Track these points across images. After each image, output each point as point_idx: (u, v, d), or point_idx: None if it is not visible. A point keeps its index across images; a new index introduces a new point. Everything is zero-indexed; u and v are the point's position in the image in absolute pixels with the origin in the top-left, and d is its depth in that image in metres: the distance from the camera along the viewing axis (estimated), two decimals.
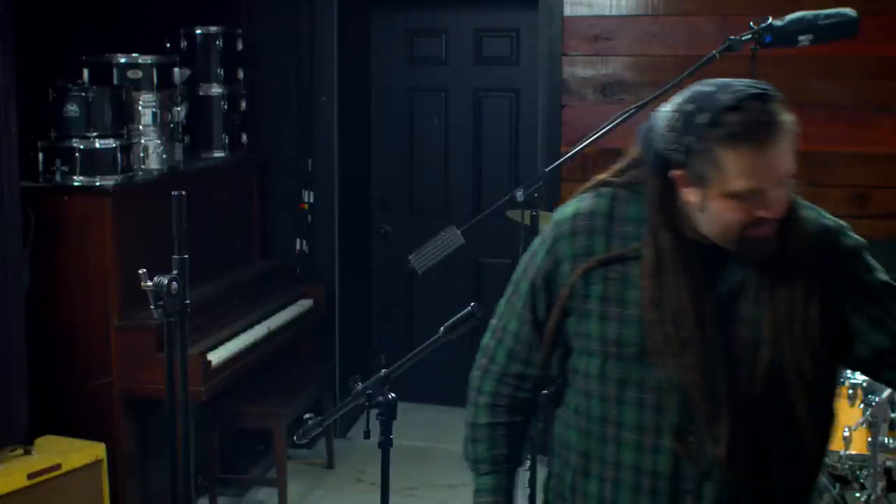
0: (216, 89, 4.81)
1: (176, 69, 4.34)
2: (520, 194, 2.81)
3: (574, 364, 1.91)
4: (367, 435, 2.06)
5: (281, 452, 4.41)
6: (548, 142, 4.95)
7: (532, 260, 1.96)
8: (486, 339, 2.04)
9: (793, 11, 2.89)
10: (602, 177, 1.93)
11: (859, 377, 3.67)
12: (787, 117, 1.74)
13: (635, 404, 1.82)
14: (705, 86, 1.76)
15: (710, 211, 1.74)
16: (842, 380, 3.70)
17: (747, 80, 1.77)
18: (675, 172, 1.75)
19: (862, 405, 3.56)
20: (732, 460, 1.76)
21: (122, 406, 3.87)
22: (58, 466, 3.46)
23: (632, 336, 1.81)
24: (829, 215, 1.90)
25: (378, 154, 5.82)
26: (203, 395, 3.86)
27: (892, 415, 3.50)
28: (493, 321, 2.04)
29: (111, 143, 3.91)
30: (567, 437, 1.95)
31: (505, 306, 2.01)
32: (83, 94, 3.87)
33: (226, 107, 4.84)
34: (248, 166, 5.11)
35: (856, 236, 1.89)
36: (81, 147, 3.86)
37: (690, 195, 1.75)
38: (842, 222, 1.90)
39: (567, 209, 1.93)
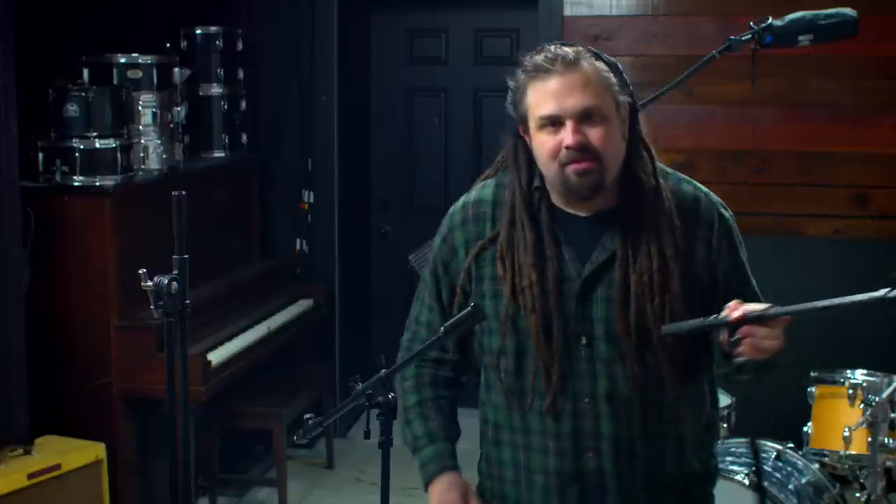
0: (216, 89, 4.81)
1: (176, 69, 4.34)
2: None
3: (480, 343, 2.05)
4: (367, 435, 2.06)
5: (281, 452, 4.41)
6: None
7: (432, 252, 2.12)
8: (403, 337, 2.22)
9: (793, 11, 2.89)
10: (487, 172, 2.09)
11: (859, 377, 3.67)
12: (587, 61, 1.89)
13: (532, 372, 1.95)
14: None
15: (536, 150, 1.92)
16: (841, 380, 3.70)
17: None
18: (520, 127, 1.96)
19: (862, 405, 3.55)
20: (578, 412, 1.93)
21: (122, 406, 3.87)
22: (58, 466, 3.46)
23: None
24: (704, 189, 2.02)
25: (378, 154, 5.81)
26: (203, 395, 3.86)
27: (892, 415, 3.49)
28: (408, 320, 2.22)
29: (111, 143, 3.90)
30: (485, 413, 2.09)
31: (415, 301, 2.20)
32: (83, 94, 3.87)
33: (226, 107, 4.84)
34: (248, 166, 5.11)
35: (727, 212, 2.00)
36: (81, 147, 3.86)
37: (528, 140, 1.94)
38: (715, 197, 2.02)
39: (458, 202, 2.10)
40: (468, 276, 2.03)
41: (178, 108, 4.33)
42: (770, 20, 2.87)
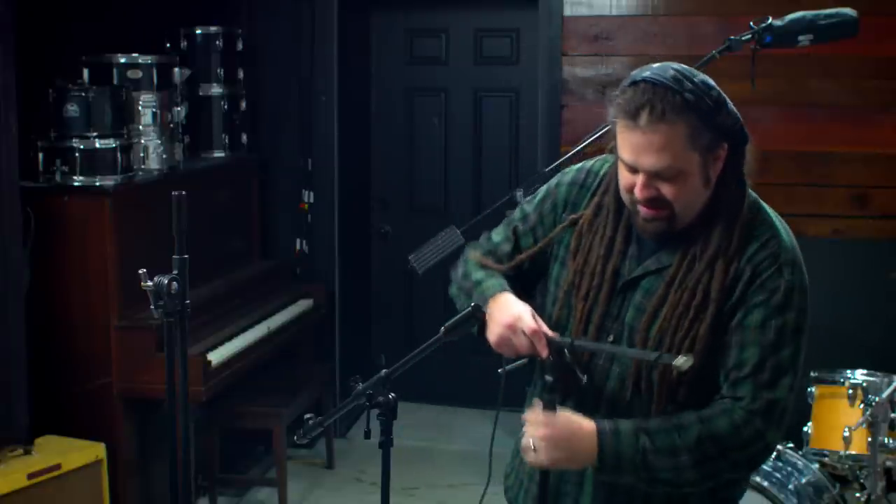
0: (216, 89, 4.81)
1: (176, 69, 4.34)
2: (520, 194, 2.82)
3: (542, 304, 2.07)
4: (367, 435, 2.06)
5: (281, 452, 4.41)
6: (548, 142, 4.95)
7: (534, 197, 2.15)
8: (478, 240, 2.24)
9: (793, 11, 2.89)
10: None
11: (859, 377, 3.68)
12: (675, 114, 1.80)
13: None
14: (643, 66, 1.90)
15: (619, 173, 1.92)
16: (841, 380, 3.70)
17: (676, 63, 1.89)
18: None
19: (862, 405, 3.56)
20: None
21: (122, 406, 3.87)
22: (58, 466, 3.46)
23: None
24: (789, 243, 1.91)
25: (378, 154, 5.81)
26: (203, 395, 3.86)
27: (892, 415, 3.49)
28: (493, 231, 2.21)
29: (111, 143, 3.90)
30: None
31: (497, 227, 2.21)
32: (83, 94, 3.87)
33: (226, 107, 4.84)
34: (248, 166, 5.11)
35: (790, 277, 1.88)
36: (81, 147, 3.86)
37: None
38: (793, 257, 1.90)
39: (578, 164, 2.12)
40: (556, 237, 2.07)
41: (178, 108, 4.33)
42: (770, 20, 2.87)
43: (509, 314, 1.94)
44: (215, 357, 4.01)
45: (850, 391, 3.62)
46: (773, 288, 1.86)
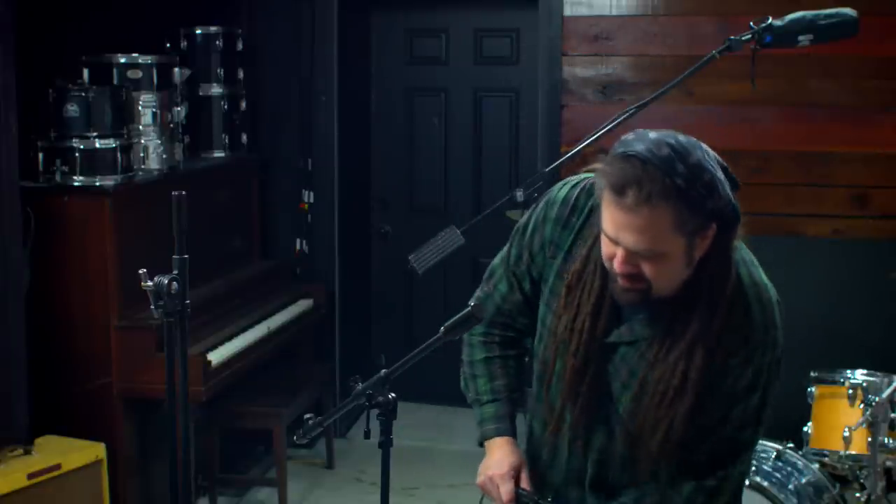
0: (216, 89, 4.82)
1: (176, 69, 4.34)
2: (520, 194, 2.82)
3: (534, 344, 2.11)
4: (367, 435, 2.06)
5: (281, 452, 4.41)
6: (548, 142, 4.95)
7: (526, 229, 2.09)
8: (479, 290, 2.20)
9: (793, 11, 2.88)
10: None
11: (859, 377, 3.67)
12: (662, 199, 1.71)
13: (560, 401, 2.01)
14: (640, 132, 1.80)
15: (601, 239, 1.85)
16: (841, 380, 3.70)
17: (673, 137, 1.78)
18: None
19: (862, 405, 3.55)
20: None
21: (122, 406, 3.87)
22: (58, 466, 3.46)
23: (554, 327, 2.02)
24: (775, 317, 1.88)
25: (378, 154, 5.82)
26: (203, 395, 3.86)
27: (892, 415, 3.49)
28: (491, 267, 2.18)
29: (111, 143, 3.90)
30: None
31: (499, 261, 2.17)
32: (83, 94, 3.87)
33: (226, 107, 4.84)
34: (248, 166, 5.11)
35: (759, 360, 1.85)
36: (81, 147, 3.86)
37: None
38: (762, 338, 1.86)
39: (563, 190, 2.04)
40: (541, 276, 2.06)
41: (178, 108, 4.33)
42: (770, 20, 2.86)
43: (495, 466, 2.07)
44: (215, 357, 4.01)
45: (850, 391, 3.62)
46: (738, 375, 1.85)
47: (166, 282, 2.01)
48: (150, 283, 2.02)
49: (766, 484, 3.28)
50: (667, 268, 1.79)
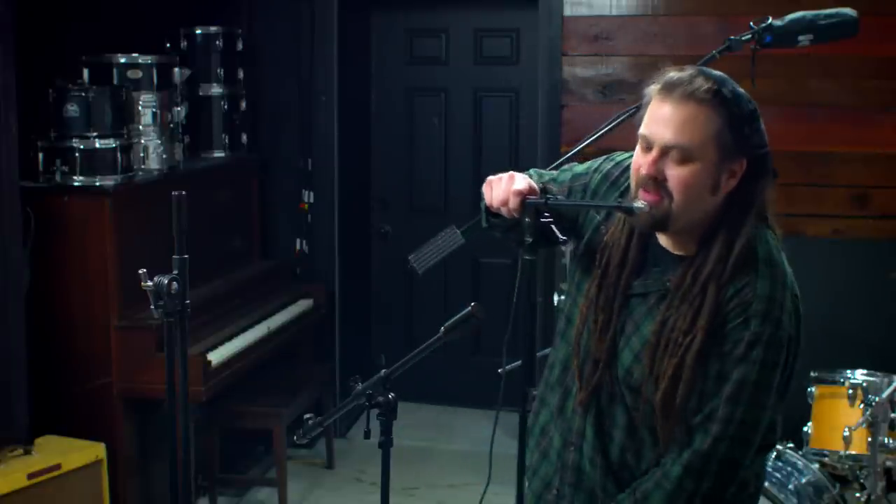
0: (216, 89, 4.82)
1: (176, 69, 4.34)
2: None
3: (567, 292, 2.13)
4: (367, 435, 2.07)
5: (281, 452, 4.41)
6: (548, 142, 4.95)
7: (578, 170, 2.14)
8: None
9: (793, 11, 2.89)
10: None
11: (859, 377, 3.68)
12: (707, 101, 1.81)
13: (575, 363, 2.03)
14: None
15: (634, 157, 1.91)
16: (841, 380, 3.70)
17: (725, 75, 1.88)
18: None
19: (862, 405, 3.56)
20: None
21: (122, 406, 3.87)
22: (58, 466, 3.46)
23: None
24: (763, 292, 1.85)
25: (378, 154, 5.82)
26: (203, 395, 3.86)
27: (892, 415, 3.50)
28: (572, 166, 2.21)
29: (111, 143, 3.91)
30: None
31: (569, 169, 2.18)
32: (83, 94, 3.87)
33: (226, 107, 4.84)
34: (248, 166, 5.11)
35: (757, 329, 1.83)
36: (81, 147, 3.86)
37: None
38: (766, 308, 1.84)
39: (621, 156, 2.09)
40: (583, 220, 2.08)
41: (178, 108, 4.33)
42: (770, 20, 2.87)
43: (506, 173, 1.99)
44: (215, 357, 4.01)
45: (850, 391, 3.62)
46: (735, 339, 1.83)
47: (166, 282, 2.01)
48: (150, 283, 2.02)
49: (766, 484, 3.28)
50: (692, 180, 1.81)
